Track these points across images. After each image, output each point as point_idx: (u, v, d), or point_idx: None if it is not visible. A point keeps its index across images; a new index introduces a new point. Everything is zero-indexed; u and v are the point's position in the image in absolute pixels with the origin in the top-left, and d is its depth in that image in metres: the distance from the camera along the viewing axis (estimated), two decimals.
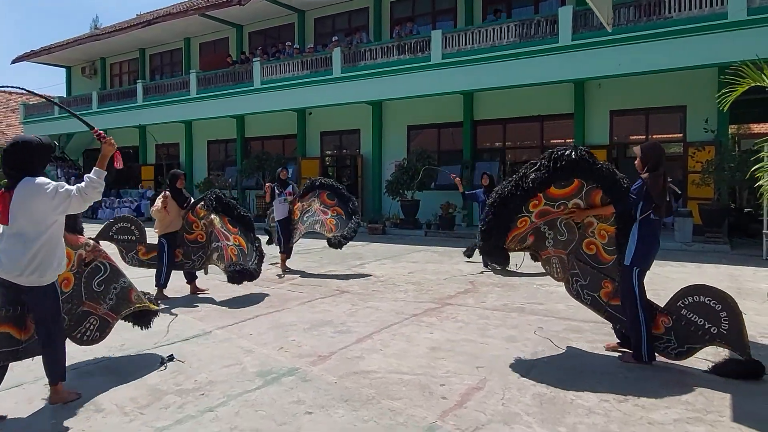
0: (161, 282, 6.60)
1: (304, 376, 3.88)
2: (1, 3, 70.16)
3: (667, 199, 4.06)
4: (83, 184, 3.30)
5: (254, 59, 17.71)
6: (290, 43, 18.24)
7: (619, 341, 4.39)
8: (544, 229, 4.47)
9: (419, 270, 8.54)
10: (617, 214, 4.15)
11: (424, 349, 4.47)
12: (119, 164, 3.69)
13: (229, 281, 6.41)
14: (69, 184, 3.37)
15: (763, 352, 4.08)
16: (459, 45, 13.56)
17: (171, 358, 4.23)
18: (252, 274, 6.46)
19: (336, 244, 8.39)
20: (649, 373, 3.92)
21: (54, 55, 24.99)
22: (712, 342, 3.85)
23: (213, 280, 7.25)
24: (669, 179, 4.11)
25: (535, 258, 4.80)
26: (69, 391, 3.51)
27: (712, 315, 3.82)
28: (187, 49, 22.46)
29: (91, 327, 3.92)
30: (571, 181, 4.09)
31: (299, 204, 8.67)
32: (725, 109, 6.81)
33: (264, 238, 7.95)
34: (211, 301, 6.45)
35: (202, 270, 6.96)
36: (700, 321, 3.87)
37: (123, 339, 4.83)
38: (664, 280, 7.03)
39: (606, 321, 4.50)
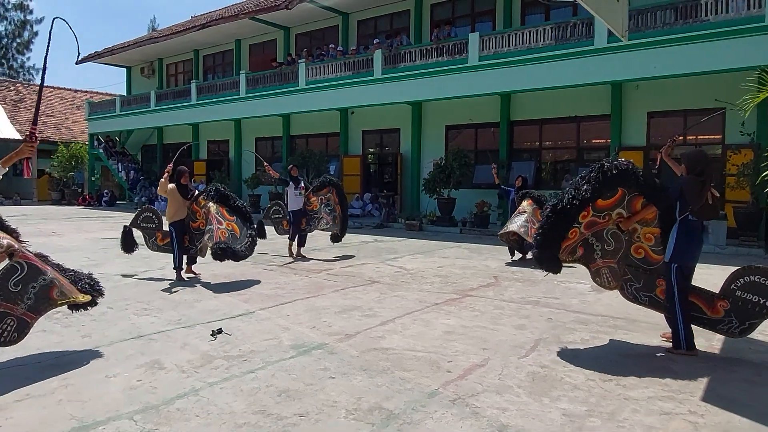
0: (175, 265, 7.47)
1: (331, 350, 4.50)
2: (65, 5, 74.42)
3: (710, 203, 4.35)
4: None
5: (300, 61, 18.55)
6: (334, 45, 18.98)
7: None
8: (592, 240, 4.74)
9: (448, 265, 9.04)
10: (660, 215, 4.52)
11: (439, 333, 5.02)
12: (27, 174, 3.75)
13: (213, 257, 7.11)
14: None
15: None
16: (496, 47, 13.90)
17: (220, 331, 4.93)
18: (236, 254, 7.09)
19: (339, 239, 10.16)
20: (641, 360, 4.34)
21: (115, 56, 26.70)
22: None
23: (257, 268, 7.98)
24: (711, 183, 4.39)
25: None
26: None
27: (764, 290, 4.17)
28: (237, 51, 23.60)
29: (8, 328, 3.84)
30: (615, 191, 4.49)
31: (315, 198, 9.69)
32: (746, 114, 7.03)
33: (269, 228, 8.88)
34: (255, 286, 7.17)
35: (200, 254, 7.76)
36: (755, 298, 4.21)
37: (180, 315, 5.61)
38: None
39: (617, 315, 4.85)
